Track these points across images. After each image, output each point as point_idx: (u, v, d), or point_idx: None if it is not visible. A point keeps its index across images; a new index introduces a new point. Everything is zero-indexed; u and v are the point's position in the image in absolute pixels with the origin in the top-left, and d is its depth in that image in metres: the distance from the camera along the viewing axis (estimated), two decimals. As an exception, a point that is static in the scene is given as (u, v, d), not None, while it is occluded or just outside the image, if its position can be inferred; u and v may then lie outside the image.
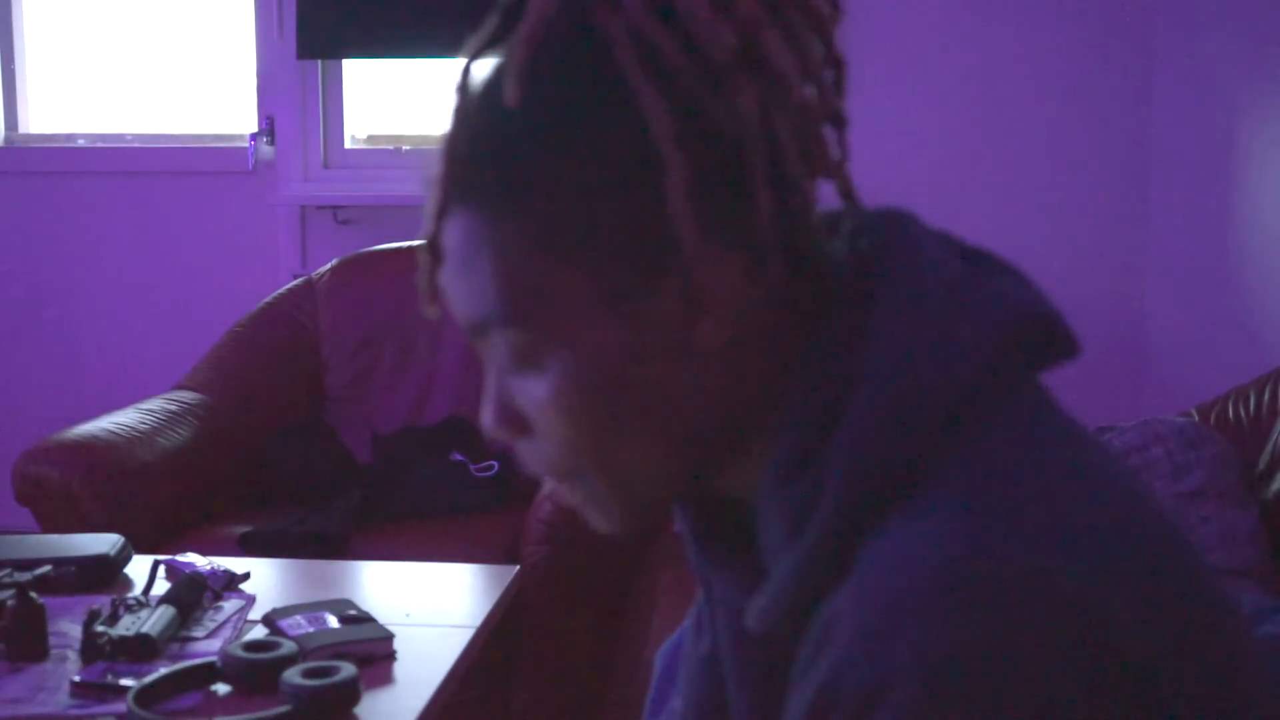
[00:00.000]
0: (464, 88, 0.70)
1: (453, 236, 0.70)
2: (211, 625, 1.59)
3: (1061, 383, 0.78)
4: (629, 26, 0.66)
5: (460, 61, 0.72)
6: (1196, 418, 2.23)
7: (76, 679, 1.42)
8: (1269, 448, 2.11)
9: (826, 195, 0.72)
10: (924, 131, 3.35)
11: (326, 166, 3.63)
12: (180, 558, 1.72)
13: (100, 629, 1.48)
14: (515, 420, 0.73)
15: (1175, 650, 0.61)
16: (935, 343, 0.66)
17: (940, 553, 0.60)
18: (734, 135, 0.66)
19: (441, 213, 0.70)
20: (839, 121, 0.70)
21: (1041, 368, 0.71)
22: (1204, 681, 0.63)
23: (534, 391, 0.70)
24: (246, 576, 1.73)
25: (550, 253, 0.67)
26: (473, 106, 0.70)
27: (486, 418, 0.74)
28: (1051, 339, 0.70)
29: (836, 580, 0.64)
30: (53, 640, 1.51)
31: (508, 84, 0.67)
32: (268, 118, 3.59)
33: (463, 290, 0.70)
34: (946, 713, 0.58)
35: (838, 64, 0.70)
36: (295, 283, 2.98)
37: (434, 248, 0.71)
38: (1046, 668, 0.58)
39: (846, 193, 0.71)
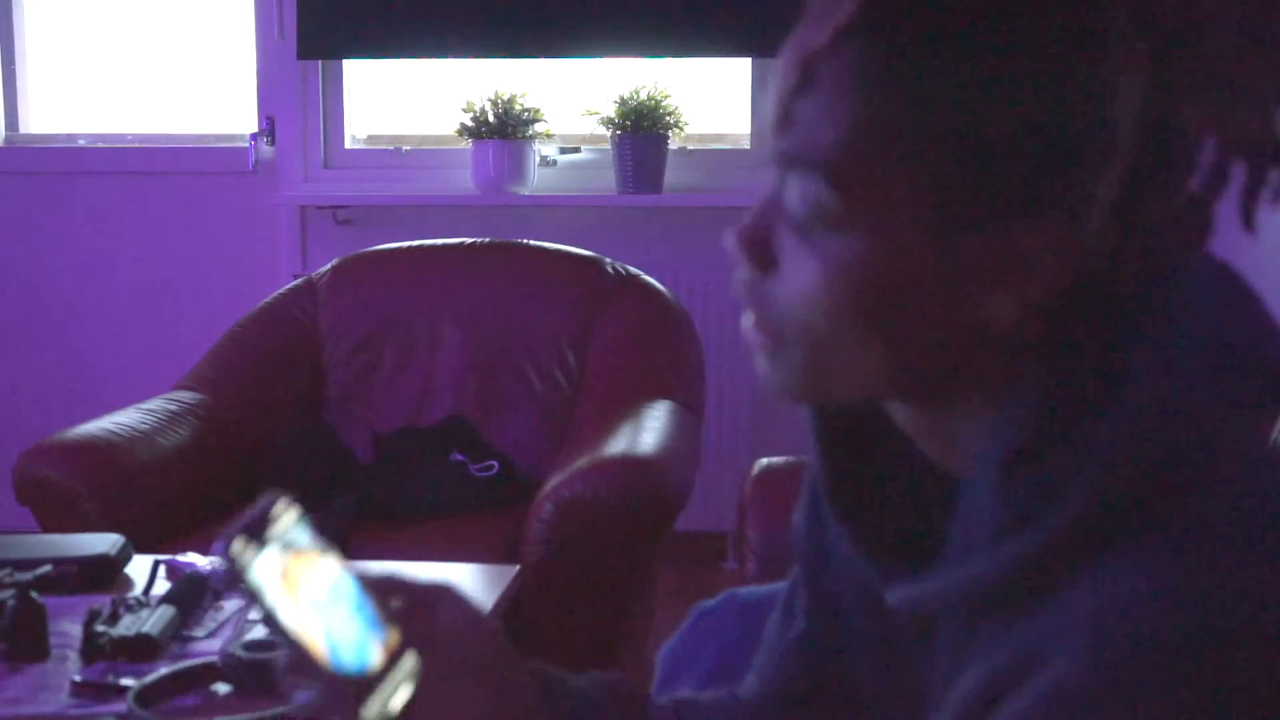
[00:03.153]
0: None
1: (844, 61, 0.63)
2: (212, 625, 1.59)
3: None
4: None
5: None
6: None
7: (77, 679, 1.42)
8: None
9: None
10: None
11: (327, 167, 3.63)
12: (180, 557, 1.72)
13: (101, 629, 1.48)
14: (765, 255, 0.68)
15: None
16: (1214, 370, 0.63)
17: (1178, 611, 0.57)
18: (1183, 141, 0.63)
19: (845, 32, 0.63)
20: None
21: None
22: None
23: (807, 254, 0.66)
24: (247, 576, 1.73)
25: (920, 141, 0.62)
26: None
27: (737, 232, 0.69)
28: None
29: (1041, 592, 0.61)
30: (53, 640, 1.51)
31: None
32: (268, 118, 3.59)
33: (809, 120, 0.64)
34: None
35: None
36: (295, 283, 2.98)
37: (812, 66, 0.64)
38: None
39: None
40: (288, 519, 0.76)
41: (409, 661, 0.76)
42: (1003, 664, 0.60)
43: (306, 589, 0.75)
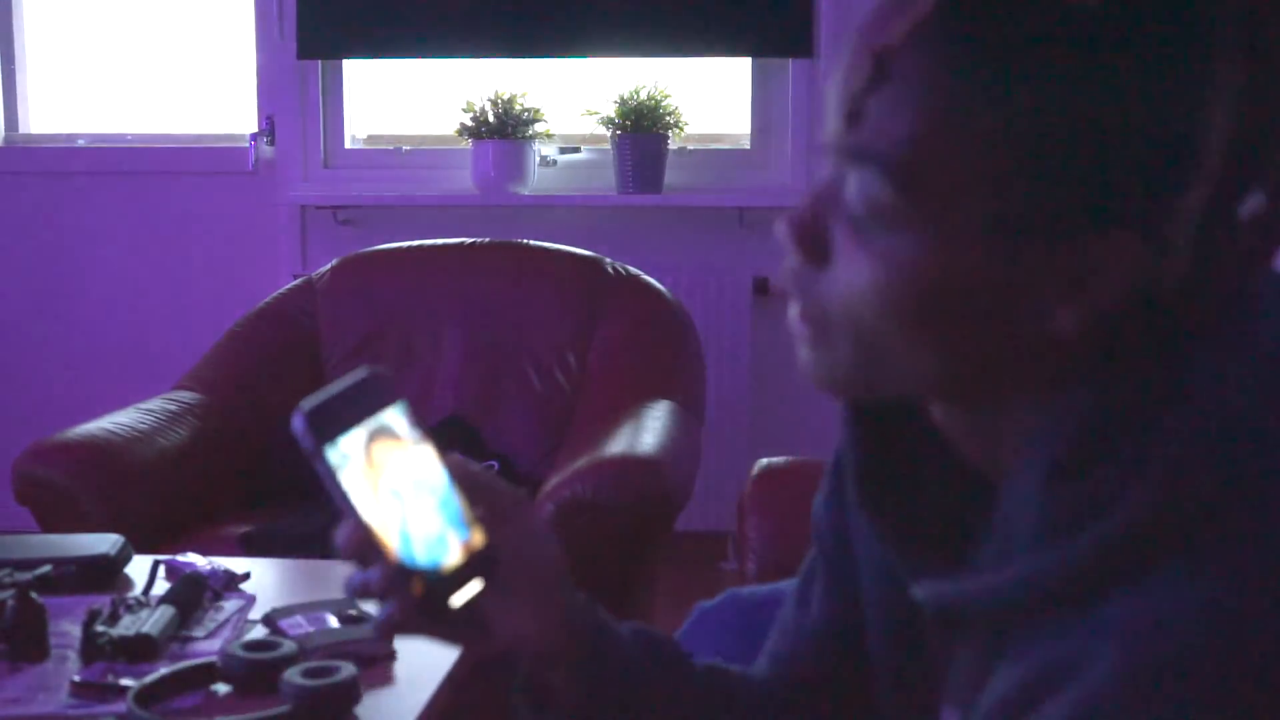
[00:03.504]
0: None
1: (920, 57, 0.61)
2: (212, 625, 1.58)
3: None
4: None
5: None
6: None
7: (77, 679, 1.41)
8: None
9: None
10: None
11: (326, 166, 3.63)
12: (180, 557, 1.72)
13: (100, 629, 1.48)
14: (817, 246, 0.67)
15: None
16: (1272, 387, 0.61)
17: (1219, 631, 0.56)
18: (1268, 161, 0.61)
19: (923, 26, 0.61)
20: None
21: None
22: None
23: (863, 250, 0.64)
24: (246, 576, 1.73)
25: (995, 144, 0.60)
26: None
27: (788, 221, 0.67)
28: None
29: (1081, 601, 0.60)
30: (53, 640, 1.51)
31: None
32: (268, 118, 3.59)
33: (878, 116, 0.62)
34: None
35: None
36: (295, 282, 2.98)
37: (886, 61, 0.62)
38: None
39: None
40: (384, 399, 0.72)
41: (484, 565, 0.74)
42: (1036, 672, 0.60)
43: (390, 476, 0.72)
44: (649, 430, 2.35)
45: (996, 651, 0.64)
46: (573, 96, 3.54)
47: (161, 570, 1.70)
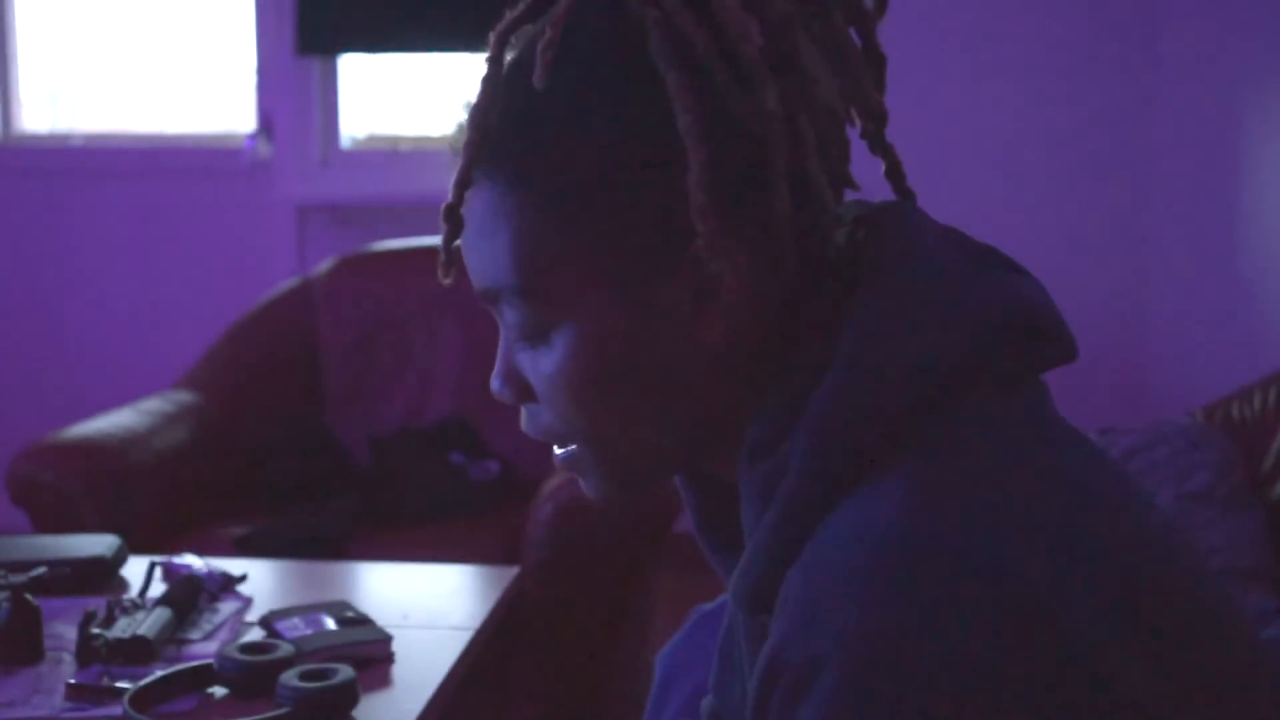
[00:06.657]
0: (496, 59, 0.72)
1: (474, 205, 0.71)
2: (208, 627, 1.57)
3: (1065, 383, 0.77)
4: (663, 16, 0.67)
5: (494, 32, 0.73)
6: (1201, 419, 2.22)
7: (72, 681, 1.41)
8: (1274, 449, 2.10)
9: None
10: (928, 129, 3.33)
11: (325, 166, 3.62)
12: (177, 559, 1.71)
13: (96, 631, 1.47)
14: (520, 387, 0.75)
15: (1134, 650, 0.61)
16: (908, 331, 0.67)
17: (880, 533, 0.62)
18: (757, 132, 0.67)
19: (464, 181, 0.71)
20: (877, 117, 0.72)
21: (1036, 368, 0.71)
22: (1177, 685, 0.62)
23: (539, 364, 0.72)
24: (244, 578, 1.72)
25: (565, 231, 0.69)
26: (502, 78, 0.71)
27: (494, 381, 0.76)
28: (1043, 338, 0.70)
29: (797, 557, 0.65)
30: (48, 642, 1.50)
31: (538, 61, 0.68)
32: (266, 117, 3.58)
33: (478, 258, 0.72)
34: (877, 687, 0.59)
35: (878, 60, 0.73)
36: (293, 282, 2.96)
37: (453, 215, 0.72)
38: (978, 649, 0.59)
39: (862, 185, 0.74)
40: None
41: None
42: (766, 658, 0.64)
43: None
44: (649, 431, 2.34)
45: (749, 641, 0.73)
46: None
47: (158, 572, 1.70)
